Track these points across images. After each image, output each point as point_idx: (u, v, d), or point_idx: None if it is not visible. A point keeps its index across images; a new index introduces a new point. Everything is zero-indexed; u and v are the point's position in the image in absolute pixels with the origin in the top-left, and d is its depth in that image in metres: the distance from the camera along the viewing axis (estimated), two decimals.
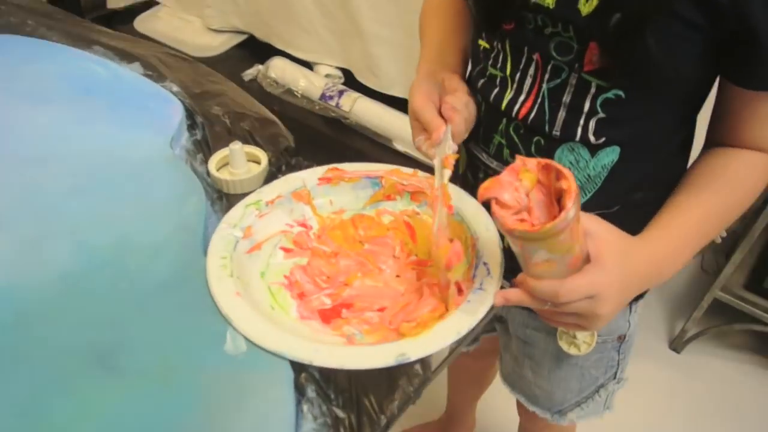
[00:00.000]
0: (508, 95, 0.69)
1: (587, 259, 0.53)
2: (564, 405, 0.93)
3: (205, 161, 0.76)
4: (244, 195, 0.72)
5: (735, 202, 0.65)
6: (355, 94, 1.87)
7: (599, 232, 0.54)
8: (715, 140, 0.68)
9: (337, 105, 1.87)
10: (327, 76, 1.99)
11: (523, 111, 0.68)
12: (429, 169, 0.85)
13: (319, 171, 0.70)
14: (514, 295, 0.55)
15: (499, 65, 0.70)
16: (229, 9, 2.17)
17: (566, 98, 0.66)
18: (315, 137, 1.90)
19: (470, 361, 1.27)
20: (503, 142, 0.72)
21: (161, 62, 0.94)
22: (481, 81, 0.73)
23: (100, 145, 0.76)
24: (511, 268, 0.61)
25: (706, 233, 0.64)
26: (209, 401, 0.49)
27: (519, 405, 1.03)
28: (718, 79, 0.64)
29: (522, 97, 0.68)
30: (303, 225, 0.67)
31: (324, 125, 1.89)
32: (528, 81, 0.68)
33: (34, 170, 0.72)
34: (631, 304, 0.84)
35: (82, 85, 0.86)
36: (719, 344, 1.81)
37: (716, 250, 2.01)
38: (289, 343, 0.51)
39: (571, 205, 0.46)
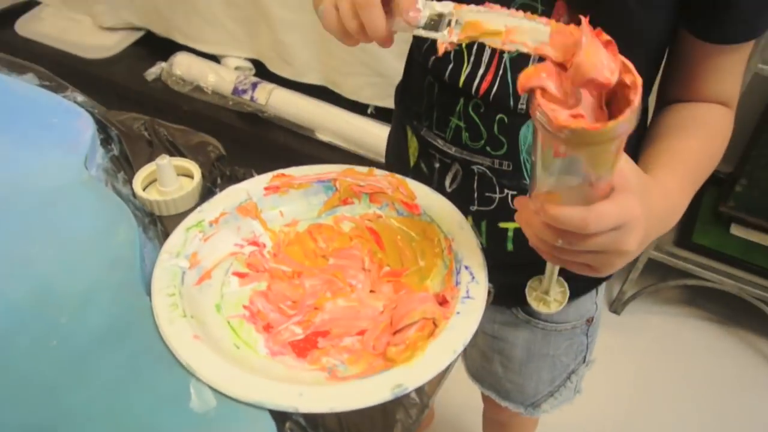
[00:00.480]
0: (466, 70, 0.63)
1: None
2: (537, 397, 0.89)
3: (129, 180, 0.66)
4: (179, 215, 0.63)
5: (715, 151, 0.62)
6: (269, 86, 1.78)
7: (623, 160, 0.48)
8: (672, 96, 0.65)
9: (251, 99, 1.77)
10: (237, 68, 1.88)
11: (484, 86, 0.63)
12: (374, 164, 0.79)
13: (264, 179, 0.63)
14: (531, 223, 0.46)
15: None
16: (121, 4, 2.02)
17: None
18: (232, 135, 1.79)
19: None
20: (461, 124, 0.66)
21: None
22: (432, 58, 0.67)
23: (0, 174, 0.65)
24: (493, 267, 0.56)
25: (699, 179, 0.60)
26: None
27: (485, 396, 0.99)
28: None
29: (481, 71, 0.63)
30: (254, 243, 0.59)
31: (240, 121, 1.78)
32: (487, 52, 0.62)
33: None
34: (596, 285, 0.82)
35: None
36: (655, 301, 1.85)
37: None
38: (266, 389, 0.44)
39: (638, 101, 0.37)
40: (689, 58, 0.61)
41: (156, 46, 2.05)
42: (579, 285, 0.78)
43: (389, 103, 1.66)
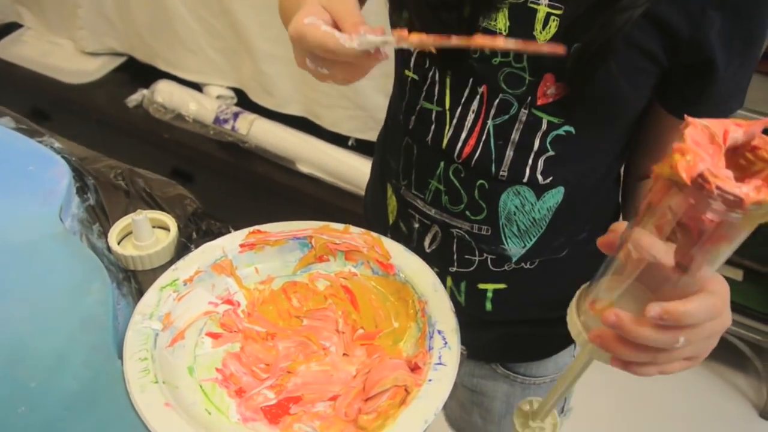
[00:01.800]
0: (448, 133, 0.64)
1: None
2: None
3: (104, 232, 0.66)
4: (154, 270, 0.63)
5: None
6: (251, 116, 1.78)
7: None
8: (645, 171, 0.67)
9: (233, 128, 1.77)
10: (218, 97, 1.88)
11: (466, 150, 0.63)
12: (355, 218, 0.79)
13: (239, 236, 0.63)
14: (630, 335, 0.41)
15: (435, 98, 0.65)
16: (104, 30, 2.02)
17: (515, 136, 0.61)
18: (212, 165, 1.79)
19: None
20: (441, 187, 0.66)
21: None
22: (413, 118, 0.67)
23: None
24: (473, 325, 0.57)
25: None
26: None
27: None
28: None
29: (464, 135, 0.63)
30: (229, 302, 0.59)
31: (221, 151, 1.78)
32: (470, 117, 0.63)
33: None
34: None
35: None
36: None
37: None
38: None
39: None
40: (664, 134, 0.63)
41: (138, 73, 2.05)
42: (558, 342, 0.79)
43: (370, 135, 1.68)
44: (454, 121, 0.63)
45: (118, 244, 0.64)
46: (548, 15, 0.56)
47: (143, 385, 0.49)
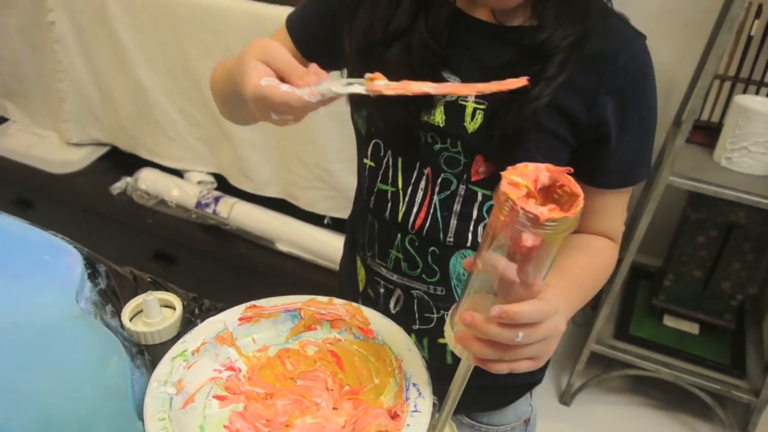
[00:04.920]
0: (402, 208, 0.76)
1: None
2: None
3: (116, 312, 0.75)
4: (162, 344, 0.72)
5: (601, 269, 0.76)
6: (232, 200, 1.89)
7: None
8: None
9: (214, 212, 1.87)
10: (199, 182, 1.99)
11: (418, 222, 0.75)
12: (332, 290, 0.89)
13: (238, 311, 0.72)
14: (480, 333, 0.53)
15: (390, 181, 0.77)
16: (88, 121, 2.13)
17: (456, 207, 0.74)
18: (195, 247, 1.88)
19: None
20: (400, 256, 0.78)
21: None
22: (372, 198, 0.79)
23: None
24: (436, 379, 0.66)
25: (585, 290, 0.74)
26: None
27: None
28: None
29: (415, 209, 0.75)
30: (231, 368, 0.68)
31: (203, 233, 1.88)
32: (419, 194, 0.75)
33: None
34: (530, 389, 0.92)
35: None
36: (601, 391, 1.96)
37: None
38: None
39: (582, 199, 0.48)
40: None
41: (120, 161, 2.14)
42: (515, 391, 0.88)
43: (344, 213, 1.79)
44: (407, 198, 0.75)
45: (130, 321, 0.73)
46: (475, 109, 0.70)
47: None
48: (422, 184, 0.75)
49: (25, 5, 1.95)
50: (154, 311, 0.72)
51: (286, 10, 1.15)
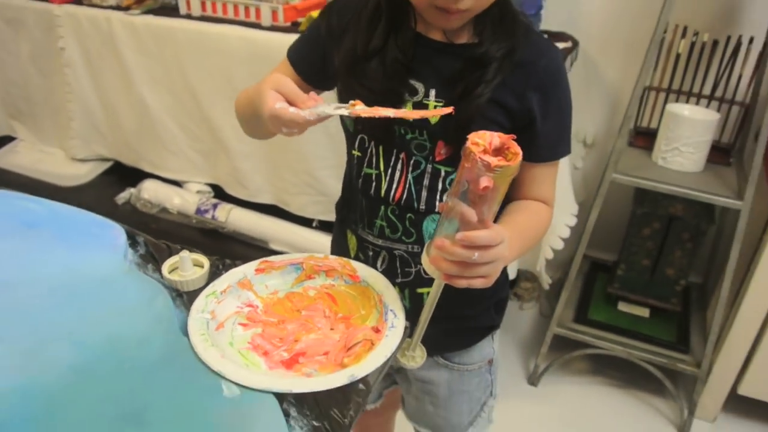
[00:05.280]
0: (384, 186, 0.97)
1: None
2: (461, 427, 1.17)
3: (157, 269, 0.94)
4: (194, 291, 0.91)
5: (537, 222, 0.97)
6: (228, 206, 2.08)
7: None
8: (510, 196, 1.00)
9: (213, 217, 2.07)
10: (198, 192, 2.18)
11: (397, 195, 0.96)
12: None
13: (254, 264, 0.92)
14: (449, 254, 0.74)
15: (373, 165, 0.98)
16: (94, 138, 2.30)
17: (426, 182, 0.95)
18: (195, 249, 2.06)
19: (372, 417, 1.48)
20: (383, 224, 0.99)
21: None
22: (360, 181, 1.00)
23: (62, 268, 0.91)
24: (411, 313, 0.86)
25: (526, 239, 0.93)
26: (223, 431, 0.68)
27: None
28: None
29: (394, 186, 0.97)
30: (250, 305, 0.88)
31: (203, 237, 2.07)
32: (397, 174, 0.96)
33: (7, 295, 0.86)
34: (491, 332, 1.13)
35: (24, 221, 1.00)
36: (565, 372, 2.17)
37: (549, 297, 2.41)
38: (271, 382, 0.72)
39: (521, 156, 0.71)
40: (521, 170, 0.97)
41: (124, 174, 2.33)
42: (478, 333, 1.09)
43: (330, 217, 1.99)
44: (387, 178, 0.97)
45: (169, 274, 0.92)
46: (435, 106, 0.91)
47: (205, 347, 0.76)
48: (399, 166, 0.96)
49: (37, 33, 2.14)
50: (188, 265, 0.92)
51: (276, 36, 1.39)
